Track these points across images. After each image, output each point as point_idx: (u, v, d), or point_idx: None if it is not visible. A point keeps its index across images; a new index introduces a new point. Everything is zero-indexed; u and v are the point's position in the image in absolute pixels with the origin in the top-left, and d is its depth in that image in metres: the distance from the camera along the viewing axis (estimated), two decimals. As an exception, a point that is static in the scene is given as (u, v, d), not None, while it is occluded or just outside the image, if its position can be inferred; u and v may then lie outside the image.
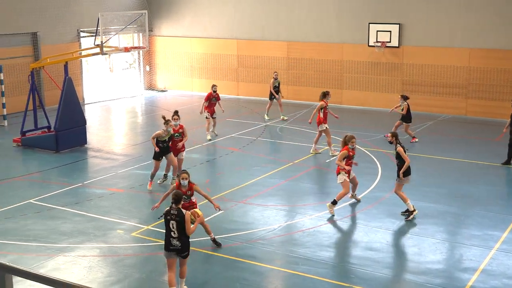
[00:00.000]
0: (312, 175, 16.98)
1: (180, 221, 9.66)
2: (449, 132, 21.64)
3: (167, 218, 9.78)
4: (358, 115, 24.76)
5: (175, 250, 9.79)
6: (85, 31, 27.86)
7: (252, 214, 13.75)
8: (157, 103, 28.25)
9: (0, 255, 11.46)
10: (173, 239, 9.74)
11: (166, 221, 9.79)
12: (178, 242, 9.72)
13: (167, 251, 9.85)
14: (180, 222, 9.66)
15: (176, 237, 9.70)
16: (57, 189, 15.49)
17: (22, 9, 25.16)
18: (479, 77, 23.99)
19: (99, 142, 20.70)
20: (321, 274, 10.76)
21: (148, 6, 30.46)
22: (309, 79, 27.42)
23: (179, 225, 9.66)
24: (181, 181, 11.50)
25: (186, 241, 9.83)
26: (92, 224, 13.16)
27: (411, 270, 10.90)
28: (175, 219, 9.68)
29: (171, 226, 9.70)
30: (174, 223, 9.69)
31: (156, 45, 31.14)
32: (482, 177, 16.52)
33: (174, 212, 9.74)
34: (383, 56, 25.59)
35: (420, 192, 15.51)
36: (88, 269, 11.00)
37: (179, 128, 15.86)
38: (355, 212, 13.76)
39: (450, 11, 24.14)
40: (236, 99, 28.59)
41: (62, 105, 19.26)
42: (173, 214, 9.73)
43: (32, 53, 25.86)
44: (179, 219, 9.66)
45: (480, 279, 10.50)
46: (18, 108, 24.38)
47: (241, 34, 28.74)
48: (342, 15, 26.23)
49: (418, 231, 12.64)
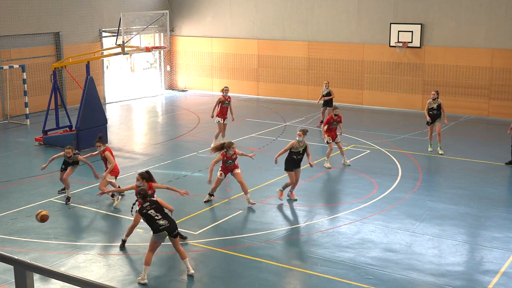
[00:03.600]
0: (331, 175, 16.93)
1: (157, 207, 10.52)
2: (470, 133, 21.45)
3: (144, 212, 10.46)
4: (378, 116, 24.64)
5: (164, 228, 10.34)
6: (106, 31, 28.05)
7: (271, 214, 13.75)
8: (178, 103, 28.36)
9: (21, 253, 11.59)
10: (159, 220, 10.39)
11: (146, 215, 10.44)
12: (165, 220, 10.40)
13: (156, 233, 10.40)
14: (158, 207, 10.52)
15: (160, 218, 10.40)
16: (77, 187, 15.61)
17: (44, 9, 25.40)
18: (501, 77, 23.75)
19: (120, 141, 20.83)
20: (339, 275, 10.73)
21: (170, 6, 30.59)
22: (329, 79, 27.30)
23: (158, 210, 10.48)
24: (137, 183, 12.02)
25: (171, 219, 10.54)
26: (112, 222, 13.25)
27: (431, 272, 10.82)
28: (152, 207, 10.49)
29: (152, 214, 10.42)
30: (153, 211, 10.45)
31: (177, 45, 31.27)
32: (503, 179, 16.36)
33: (147, 204, 10.56)
34: (405, 56, 25.44)
35: (440, 193, 15.41)
36: (108, 268, 11.08)
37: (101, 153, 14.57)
38: (374, 213, 13.70)
39: (472, 11, 23.93)
40: (256, 99, 28.61)
41: (83, 105, 19.42)
42: (148, 205, 10.54)
43: (54, 53, 26.11)
44: (156, 205, 10.53)
45: (501, 282, 10.39)
46: (40, 108, 24.66)
47: (261, 34, 28.76)
48: (363, 15, 26.12)
49: (438, 233, 12.55)
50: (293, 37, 27.98)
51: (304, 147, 14.27)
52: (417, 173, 16.70)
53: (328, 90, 22.26)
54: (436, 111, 18.51)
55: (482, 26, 23.85)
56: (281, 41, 28.23)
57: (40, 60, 25.53)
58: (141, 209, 10.52)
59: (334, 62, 27.06)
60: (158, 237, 10.43)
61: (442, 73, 24.88)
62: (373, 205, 14.18)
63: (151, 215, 10.39)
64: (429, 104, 18.61)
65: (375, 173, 16.61)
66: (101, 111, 20.04)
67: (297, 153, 14.22)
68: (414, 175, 16.58)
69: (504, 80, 23.73)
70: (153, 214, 10.40)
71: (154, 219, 10.37)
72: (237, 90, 29.61)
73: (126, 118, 25.86)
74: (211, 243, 12.06)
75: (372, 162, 17.59)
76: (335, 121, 17.68)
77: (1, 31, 23.93)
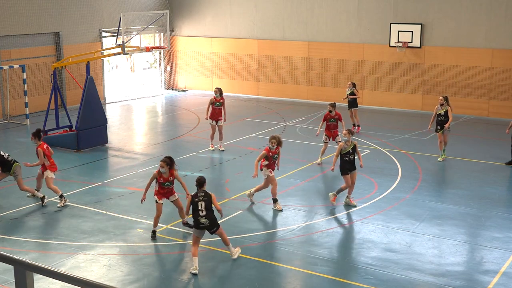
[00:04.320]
0: (331, 175, 16.92)
1: (207, 201, 10.78)
2: (470, 133, 21.45)
3: (195, 200, 10.81)
4: (378, 116, 24.64)
5: (204, 227, 10.83)
6: (106, 31, 28.06)
7: (271, 214, 13.75)
8: (178, 103, 28.37)
9: (21, 252, 11.59)
10: (201, 217, 10.76)
11: (194, 203, 10.80)
12: (206, 219, 10.77)
13: (197, 228, 10.87)
14: (208, 202, 10.77)
15: (203, 215, 10.74)
16: (77, 187, 15.62)
17: (44, 9, 25.40)
18: (501, 78, 23.76)
19: (120, 141, 20.83)
20: (339, 275, 10.73)
21: (170, 6, 30.60)
22: (329, 79, 27.35)
23: (207, 204, 10.75)
24: (160, 170, 12.27)
25: (213, 217, 10.86)
26: (112, 222, 13.25)
27: (431, 272, 10.82)
28: (203, 199, 10.79)
29: (200, 206, 10.75)
30: (202, 203, 10.76)
31: (177, 45, 31.27)
32: (503, 179, 16.37)
33: (201, 194, 10.86)
34: (405, 56, 25.45)
35: (440, 193, 15.42)
36: (108, 268, 11.07)
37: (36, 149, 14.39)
38: (374, 213, 13.70)
39: (472, 11, 23.94)
40: (256, 99, 28.62)
41: (83, 105, 19.42)
42: (201, 196, 10.84)
43: (54, 53, 26.11)
44: (207, 199, 10.80)
45: (501, 282, 10.39)
46: (40, 107, 24.67)
47: (261, 34, 28.76)
48: (363, 15, 26.13)
49: (438, 233, 12.55)
50: (293, 37, 27.98)
51: (352, 146, 13.90)
52: (417, 173, 16.71)
53: (352, 90, 21.52)
54: (443, 118, 17.61)
55: (482, 26, 23.85)
56: (281, 41, 28.23)
57: (40, 60, 25.53)
58: (194, 196, 10.89)
59: (334, 62, 27.06)
60: (198, 233, 10.90)
61: (442, 73, 24.88)
62: (373, 205, 14.17)
63: (198, 207, 10.76)
64: (437, 110, 17.75)
65: (375, 173, 16.60)
66: (101, 111, 20.04)
67: (347, 154, 13.84)
68: (414, 175, 16.58)
69: (504, 80, 23.73)
70: (200, 207, 10.75)
71: (198, 213, 10.75)
72: (237, 90, 29.64)
73: (126, 118, 25.86)
74: (211, 243, 12.06)
75: (372, 162, 17.59)
76: (332, 117, 17.55)
77: (1, 31, 23.93)
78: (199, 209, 10.75)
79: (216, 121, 18.94)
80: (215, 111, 18.86)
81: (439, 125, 17.67)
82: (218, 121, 18.95)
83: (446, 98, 17.81)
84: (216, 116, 18.89)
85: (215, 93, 18.94)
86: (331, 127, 17.56)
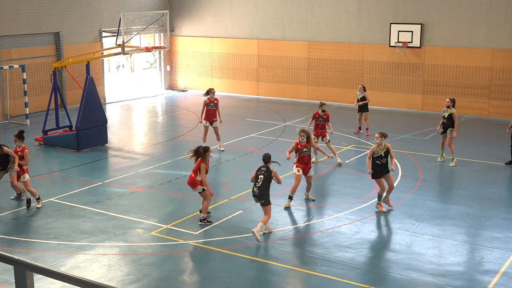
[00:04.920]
0: (331, 175, 16.93)
1: (266, 177, 12.31)
2: (470, 133, 21.45)
3: (257, 173, 12.40)
4: (378, 116, 24.63)
5: (254, 196, 12.35)
6: (106, 31, 28.06)
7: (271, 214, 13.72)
8: (178, 103, 28.37)
9: (21, 253, 11.59)
10: (254, 186, 12.34)
11: (256, 175, 12.39)
12: (257, 189, 12.28)
13: (252, 195, 12.54)
14: (267, 178, 12.31)
15: (258, 186, 12.27)
16: (77, 187, 15.62)
17: (44, 9, 25.40)
18: (501, 78, 23.76)
19: (120, 141, 20.83)
20: (339, 275, 10.73)
21: (170, 6, 30.60)
22: (329, 80, 27.35)
23: (265, 180, 12.27)
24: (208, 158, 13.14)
25: (265, 191, 12.27)
26: (112, 222, 13.25)
27: (431, 272, 10.82)
28: (263, 174, 12.31)
29: (258, 179, 12.31)
30: (262, 177, 12.29)
31: (177, 45, 31.28)
32: (503, 179, 16.37)
33: (264, 169, 12.39)
34: (405, 56, 25.45)
35: (440, 193, 15.43)
36: (108, 268, 11.07)
37: (20, 151, 14.16)
38: (374, 213, 13.70)
39: (472, 11, 23.94)
40: (256, 99, 28.62)
41: (83, 105, 19.42)
42: (263, 170, 12.38)
43: (54, 53, 26.11)
44: (267, 175, 12.30)
45: (501, 282, 10.40)
46: (40, 108, 24.67)
47: (261, 34, 28.76)
48: (363, 15, 26.13)
49: (438, 233, 12.55)
50: (293, 37, 27.98)
51: (385, 149, 13.56)
52: (417, 173, 16.71)
53: (363, 94, 21.19)
54: (447, 121, 17.15)
55: (482, 26, 23.85)
56: (281, 41, 28.23)
57: (40, 60, 25.53)
58: (258, 169, 12.44)
59: (334, 62, 27.06)
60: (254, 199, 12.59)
61: (442, 73, 24.88)
62: (373, 205, 14.16)
63: (257, 179, 12.33)
64: (443, 111, 17.41)
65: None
66: (101, 111, 20.04)
67: (379, 157, 13.50)
68: (414, 175, 16.58)
69: (504, 80, 23.73)
70: (258, 179, 12.31)
71: (255, 183, 12.35)
72: (237, 90, 29.64)
73: (126, 118, 25.87)
74: (211, 243, 12.06)
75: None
76: (321, 117, 17.58)
77: (1, 31, 23.93)
78: (257, 181, 12.30)
79: (210, 123, 18.80)
80: (209, 112, 18.72)
81: (443, 127, 17.34)
82: (213, 122, 18.81)
83: (453, 100, 17.34)
84: (210, 117, 18.75)
85: (208, 93, 18.78)
86: (319, 126, 17.61)
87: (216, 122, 18.84)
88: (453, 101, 17.31)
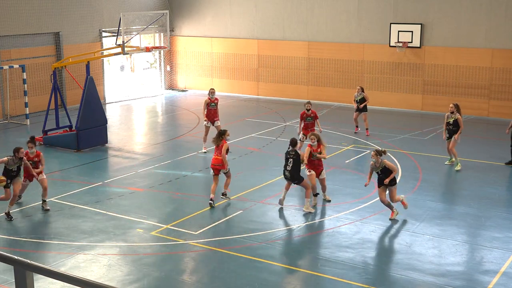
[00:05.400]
0: (331, 175, 16.92)
1: (296, 159, 13.40)
2: (470, 133, 21.44)
3: (287, 157, 13.51)
4: (378, 116, 24.63)
5: (285, 177, 13.61)
6: (106, 31, 28.06)
7: (271, 214, 13.74)
8: (178, 103, 28.37)
9: (21, 252, 11.59)
10: (285, 171, 13.53)
11: (286, 159, 13.53)
12: (288, 173, 13.49)
13: (284, 178, 13.75)
14: (296, 160, 13.39)
15: (289, 170, 13.45)
16: (77, 187, 15.62)
17: (44, 9, 25.40)
18: (501, 78, 23.76)
19: (120, 141, 20.83)
20: (340, 275, 10.73)
21: (170, 6, 30.60)
22: (329, 79, 27.35)
23: (295, 162, 13.37)
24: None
25: (297, 172, 13.47)
26: (112, 222, 13.26)
27: (431, 272, 10.82)
28: (293, 157, 13.42)
29: (288, 162, 13.43)
30: (291, 160, 13.39)
31: (177, 45, 31.27)
32: (503, 179, 16.37)
33: (292, 153, 13.48)
34: (405, 56, 25.45)
35: (440, 193, 15.43)
36: (108, 268, 11.08)
37: (34, 156, 14.10)
38: (374, 213, 13.70)
39: (472, 11, 23.94)
40: (256, 99, 28.62)
41: (83, 105, 19.42)
42: (292, 154, 13.47)
43: (54, 53, 26.11)
44: (296, 158, 13.41)
45: (501, 282, 10.40)
46: (40, 108, 24.66)
47: (261, 34, 28.76)
48: (363, 15, 26.13)
49: (438, 233, 12.55)
50: (293, 37, 27.98)
51: (381, 167, 13.27)
52: (417, 173, 16.71)
53: (362, 96, 20.86)
54: (452, 127, 16.90)
55: (482, 26, 23.85)
56: (281, 41, 28.23)
57: (40, 60, 25.53)
58: (287, 153, 13.57)
59: (334, 62, 27.06)
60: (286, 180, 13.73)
61: (442, 73, 24.87)
62: (373, 205, 14.17)
63: (286, 162, 13.45)
64: (446, 117, 17.10)
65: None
66: (101, 111, 20.04)
67: (377, 173, 13.40)
68: (414, 175, 16.58)
69: (504, 80, 23.73)
70: (288, 162, 13.42)
71: (286, 166, 13.49)
72: (237, 90, 29.64)
73: (126, 118, 25.87)
74: (211, 243, 12.06)
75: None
76: (308, 116, 17.58)
77: (1, 31, 23.93)
78: (287, 164, 13.40)
79: (212, 122, 18.75)
80: (210, 112, 18.68)
81: (448, 133, 17.06)
82: (215, 122, 18.77)
83: (457, 106, 17.09)
84: (212, 117, 18.71)
85: (210, 94, 18.78)
86: (309, 125, 17.62)
87: (217, 121, 18.81)
88: (457, 106, 17.10)
